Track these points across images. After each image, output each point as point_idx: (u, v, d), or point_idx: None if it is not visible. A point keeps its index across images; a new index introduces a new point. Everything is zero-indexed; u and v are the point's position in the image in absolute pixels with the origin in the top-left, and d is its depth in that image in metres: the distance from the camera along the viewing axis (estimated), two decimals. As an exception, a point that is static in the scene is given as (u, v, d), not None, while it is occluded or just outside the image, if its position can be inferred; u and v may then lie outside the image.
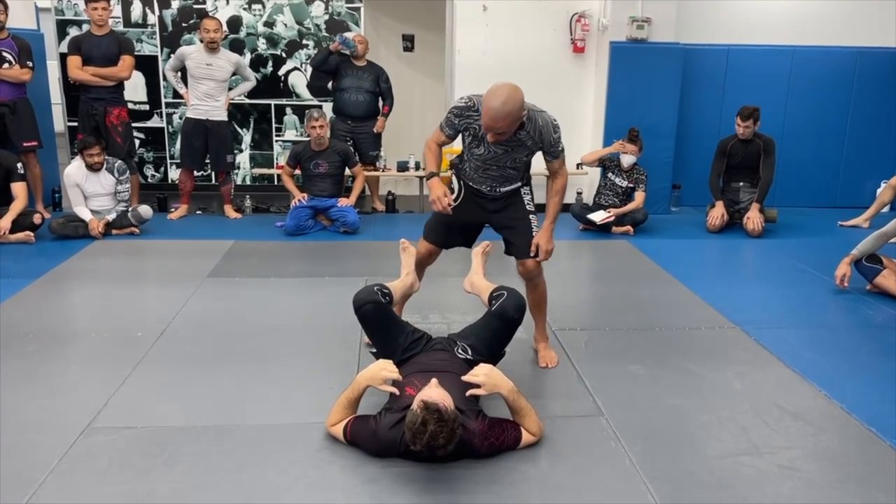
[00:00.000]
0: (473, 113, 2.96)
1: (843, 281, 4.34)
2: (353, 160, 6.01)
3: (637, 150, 5.89)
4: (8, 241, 5.15)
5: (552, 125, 3.01)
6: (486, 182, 3.18)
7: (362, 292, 2.82)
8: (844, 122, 7.05)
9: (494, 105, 2.74)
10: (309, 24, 6.98)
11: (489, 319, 2.85)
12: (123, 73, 5.97)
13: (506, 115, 2.76)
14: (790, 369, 3.30)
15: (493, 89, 2.77)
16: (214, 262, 4.86)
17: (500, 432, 2.48)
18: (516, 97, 2.77)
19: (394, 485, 2.33)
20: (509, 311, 2.79)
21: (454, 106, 3.03)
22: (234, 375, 3.14)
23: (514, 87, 2.78)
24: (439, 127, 3.10)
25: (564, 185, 3.19)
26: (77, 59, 5.83)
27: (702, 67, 6.77)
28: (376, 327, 2.83)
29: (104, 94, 5.92)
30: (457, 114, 3.01)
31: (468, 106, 2.98)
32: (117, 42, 5.93)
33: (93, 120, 5.92)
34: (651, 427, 2.76)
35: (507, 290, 2.85)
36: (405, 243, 3.35)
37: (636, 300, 4.27)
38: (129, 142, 6.14)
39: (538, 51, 6.67)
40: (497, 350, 2.86)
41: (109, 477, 2.37)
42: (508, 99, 2.74)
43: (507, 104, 2.74)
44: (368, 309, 2.77)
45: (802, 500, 2.31)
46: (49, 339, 3.50)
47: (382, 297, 2.81)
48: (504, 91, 2.75)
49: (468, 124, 3.01)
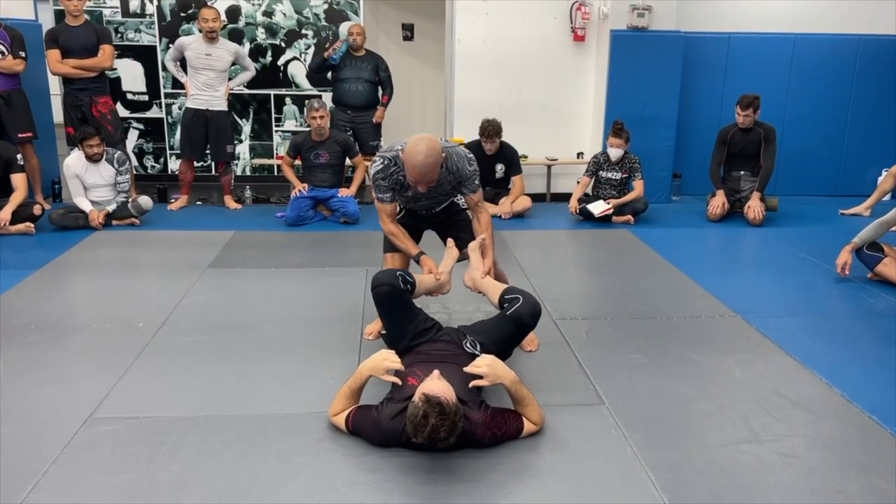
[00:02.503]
0: (394, 168, 3.04)
1: (844, 269, 4.33)
2: (353, 150, 6.00)
3: (623, 143, 5.86)
4: (8, 233, 5.15)
5: (466, 159, 3.11)
6: (420, 208, 3.32)
7: (383, 273, 2.87)
8: (845, 110, 7.03)
9: (418, 161, 2.83)
10: (308, 14, 6.95)
11: (502, 322, 2.83)
12: (106, 64, 5.93)
13: (430, 166, 2.86)
14: (791, 357, 3.30)
15: (411, 147, 2.86)
16: (215, 252, 4.86)
17: (503, 422, 2.49)
18: (434, 147, 2.87)
19: (396, 474, 2.34)
20: (525, 318, 2.78)
21: (374, 172, 3.10)
22: (236, 365, 3.14)
23: (430, 138, 2.89)
24: (378, 201, 3.17)
25: (489, 219, 3.26)
26: (56, 53, 5.75)
27: (703, 55, 6.74)
28: (389, 310, 2.84)
29: (88, 83, 5.87)
30: (382, 177, 3.08)
31: (386, 165, 3.06)
32: (94, 32, 5.87)
33: (79, 111, 5.89)
34: (652, 415, 2.77)
35: (521, 295, 2.84)
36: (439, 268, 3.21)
37: (637, 289, 4.27)
38: (118, 129, 6.13)
39: (538, 40, 6.65)
40: (506, 351, 2.85)
41: (112, 467, 2.37)
42: (429, 152, 2.84)
43: (429, 157, 2.84)
44: (384, 290, 2.79)
45: (803, 488, 2.32)
46: (50, 330, 3.51)
47: (402, 284, 2.83)
48: (423, 145, 2.84)
49: (395, 179, 3.08)
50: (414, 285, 2.93)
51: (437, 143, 2.90)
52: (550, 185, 6.95)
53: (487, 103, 6.47)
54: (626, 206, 5.91)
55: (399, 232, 3.22)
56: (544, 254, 5.16)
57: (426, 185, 2.94)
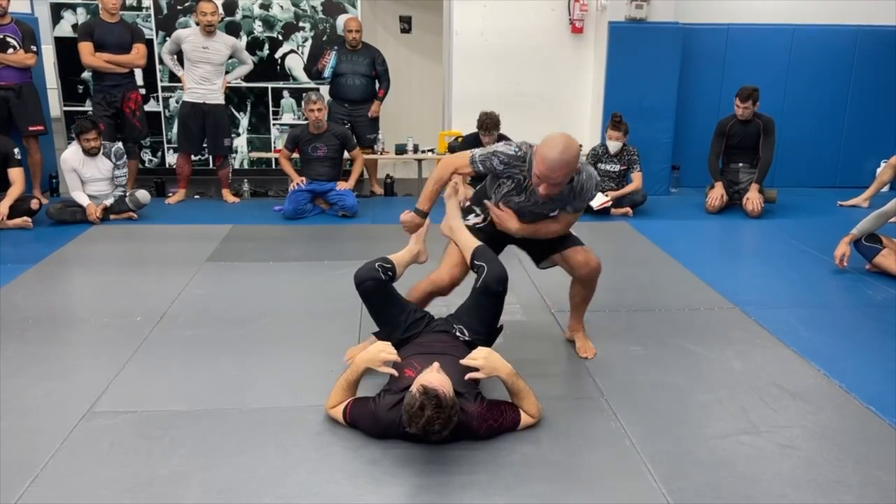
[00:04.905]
0: (522, 164, 2.85)
1: (843, 261, 4.34)
2: (351, 143, 5.99)
3: (622, 136, 5.85)
4: (6, 227, 5.14)
5: (595, 181, 2.93)
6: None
7: (363, 269, 2.80)
8: (844, 101, 7.02)
9: (553, 155, 2.65)
10: (305, 7, 6.92)
11: (477, 297, 2.80)
12: (140, 62, 6.04)
13: (564, 164, 2.68)
14: (789, 349, 3.31)
15: (548, 140, 2.69)
16: (213, 246, 4.85)
17: (499, 414, 2.49)
18: (574, 147, 2.71)
19: (395, 466, 2.34)
20: (492, 286, 2.73)
21: (501, 151, 2.86)
22: (234, 359, 3.14)
23: (570, 137, 2.72)
24: (470, 158, 2.91)
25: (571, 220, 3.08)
26: (89, 46, 5.81)
27: (701, 47, 6.73)
28: (377, 305, 2.82)
29: (120, 80, 5.96)
30: (503, 160, 2.86)
31: (518, 156, 2.85)
32: (129, 30, 5.98)
33: (112, 107, 5.94)
34: (651, 407, 2.77)
35: (486, 263, 2.78)
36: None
37: (635, 281, 4.27)
38: (145, 125, 6.27)
39: (536, 31, 6.63)
40: (492, 324, 2.82)
41: (111, 460, 2.37)
42: (566, 148, 2.67)
43: (566, 153, 2.67)
44: (369, 286, 2.77)
45: (801, 479, 2.32)
46: (48, 324, 3.51)
47: (383, 274, 2.79)
48: (561, 141, 2.68)
49: (513, 174, 2.89)
50: (393, 269, 2.87)
51: (576, 144, 2.73)
52: (549, 178, 6.93)
53: (485, 96, 6.45)
54: (625, 198, 5.91)
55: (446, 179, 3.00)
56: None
57: (549, 188, 2.72)
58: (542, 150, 2.69)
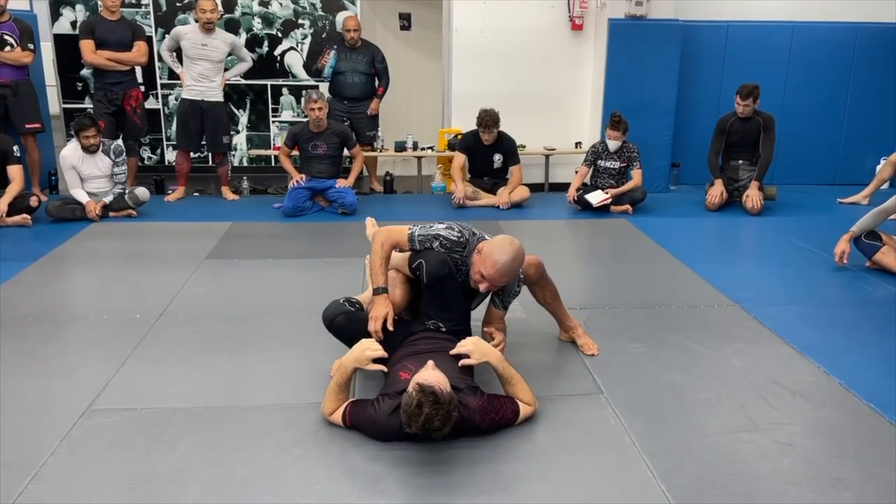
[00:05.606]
0: (462, 250, 2.80)
1: (843, 258, 4.33)
2: (351, 141, 5.98)
3: (621, 135, 5.84)
4: (5, 224, 5.14)
5: (519, 279, 2.91)
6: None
7: (329, 308, 2.83)
8: (844, 98, 7.02)
9: (505, 260, 2.62)
10: (304, 4, 6.92)
11: (430, 289, 2.77)
12: (142, 59, 6.05)
13: (513, 270, 2.69)
14: (789, 346, 3.31)
15: (499, 244, 2.66)
16: (212, 243, 4.85)
17: (500, 406, 2.50)
18: (522, 255, 2.70)
19: (394, 464, 2.34)
20: (436, 274, 2.71)
21: (444, 237, 2.78)
22: (233, 356, 3.14)
23: (519, 243, 2.69)
24: (409, 236, 2.78)
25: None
26: (91, 43, 5.82)
27: (701, 44, 6.73)
28: (353, 336, 2.74)
29: (122, 77, 5.97)
30: (444, 245, 2.77)
31: (460, 242, 2.79)
32: (130, 28, 5.99)
33: (113, 105, 5.95)
34: (650, 404, 2.77)
35: (421, 259, 2.74)
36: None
37: (635, 278, 4.27)
38: (146, 123, 6.29)
39: (536, 28, 6.63)
40: (457, 307, 2.81)
41: (110, 458, 2.37)
42: (517, 255, 2.65)
43: (517, 261, 2.66)
44: (340, 321, 2.80)
45: (801, 476, 2.32)
46: (47, 322, 3.50)
47: (351, 307, 2.83)
48: (513, 248, 2.65)
49: (456, 260, 2.81)
50: (360, 303, 2.90)
51: (523, 249, 2.70)
52: (549, 175, 6.95)
53: (485, 93, 6.45)
54: (625, 195, 5.90)
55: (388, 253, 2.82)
56: (542, 244, 5.13)
57: (490, 287, 2.71)
58: (494, 253, 2.64)
